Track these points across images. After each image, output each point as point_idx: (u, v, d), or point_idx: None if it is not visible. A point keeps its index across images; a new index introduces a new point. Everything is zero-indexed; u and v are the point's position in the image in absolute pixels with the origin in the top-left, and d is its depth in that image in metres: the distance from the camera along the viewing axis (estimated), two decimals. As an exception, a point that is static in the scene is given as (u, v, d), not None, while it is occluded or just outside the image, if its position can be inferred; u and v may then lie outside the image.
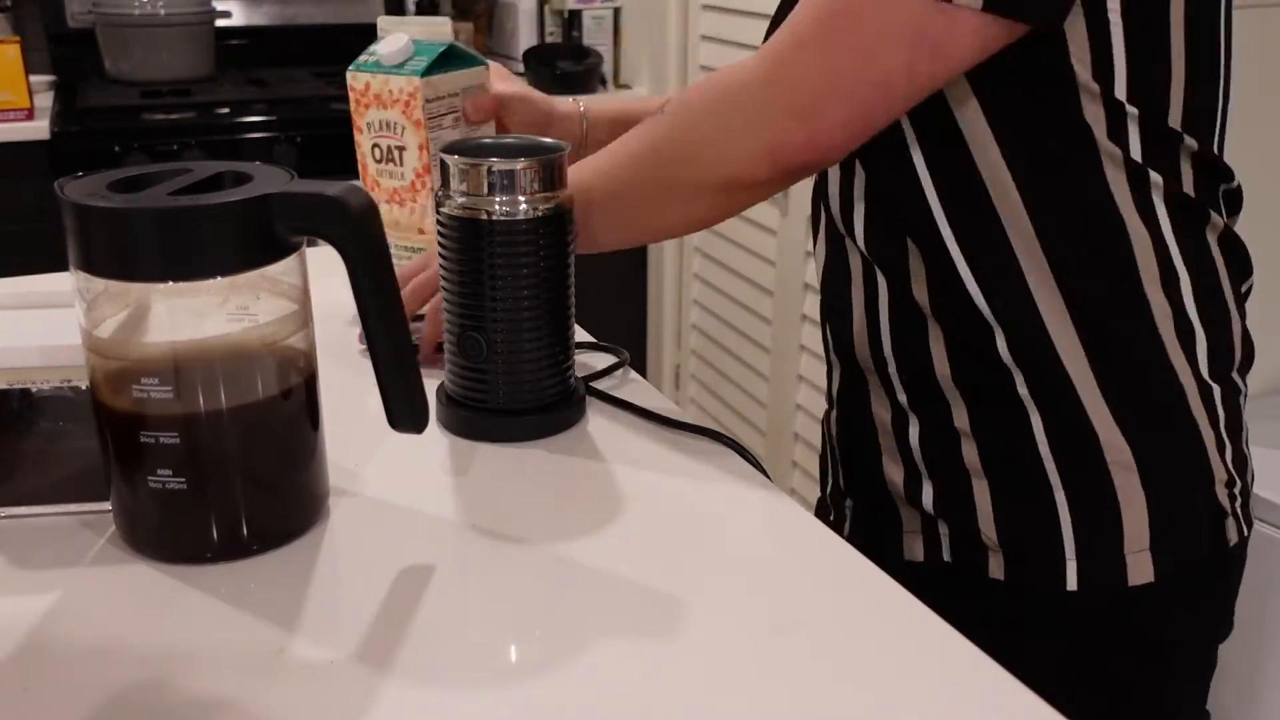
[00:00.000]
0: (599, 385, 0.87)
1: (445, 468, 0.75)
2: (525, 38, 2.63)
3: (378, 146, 1.00)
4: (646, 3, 2.46)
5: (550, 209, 0.76)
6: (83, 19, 2.48)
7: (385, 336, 0.63)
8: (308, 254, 0.64)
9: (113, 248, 0.58)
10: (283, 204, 0.59)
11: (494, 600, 0.60)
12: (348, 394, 0.83)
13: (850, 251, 0.84)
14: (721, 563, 0.64)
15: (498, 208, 0.74)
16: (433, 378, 0.79)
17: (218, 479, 0.62)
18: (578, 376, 0.83)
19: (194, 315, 0.60)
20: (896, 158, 0.76)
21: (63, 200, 0.58)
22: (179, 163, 0.65)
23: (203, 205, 0.58)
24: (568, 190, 0.77)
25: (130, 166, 0.64)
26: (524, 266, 0.75)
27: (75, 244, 0.59)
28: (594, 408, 0.84)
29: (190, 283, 0.59)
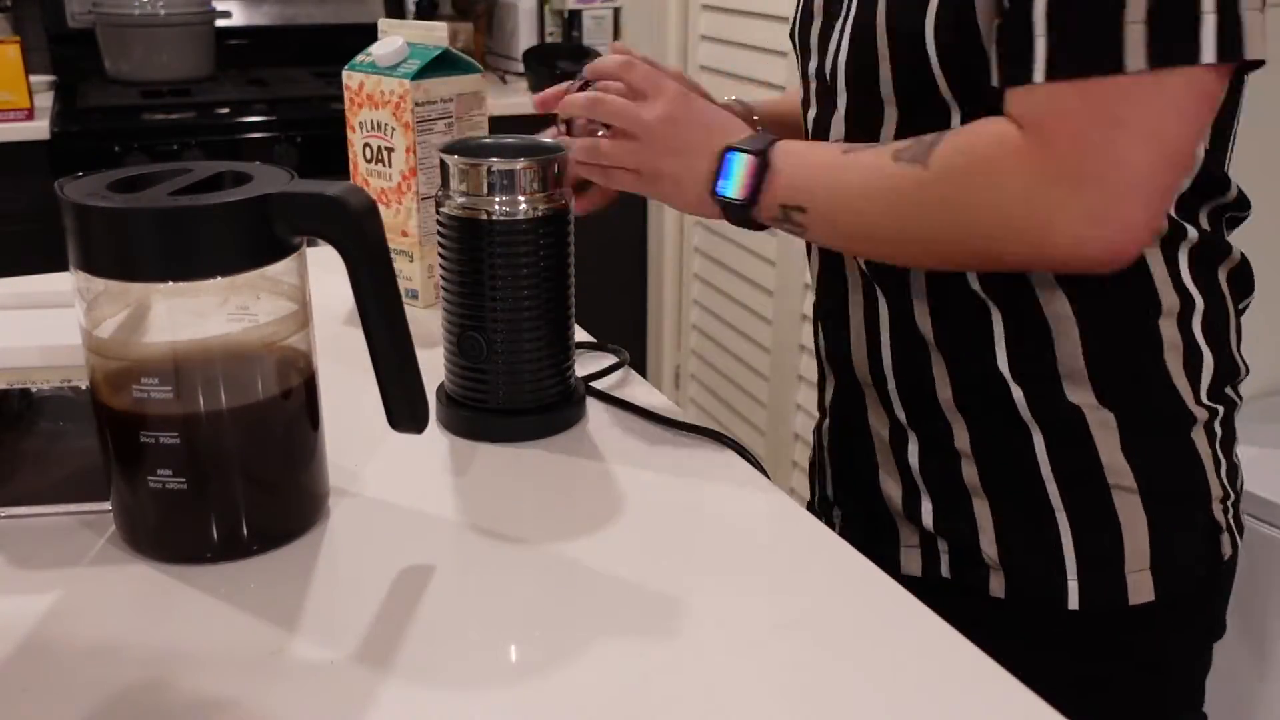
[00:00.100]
0: (599, 385, 0.87)
1: (445, 468, 0.75)
2: (525, 38, 2.63)
3: (369, 146, 1.00)
4: (646, 3, 2.46)
5: (550, 209, 0.76)
6: (83, 19, 2.48)
7: (385, 336, 0.63)
8: (308, 254, 0.64)
9: (113, 248, 0.58)
10: (283, 204, 0.59)
11: (494, 600, 0.60)
12: (348, 394, 0.83)
13: (848, 264, 0.83)
14: (721, 562, 0.64)
15: (497, 208, 0.74)
16: (433, 378, 0.79)
17: (218, 479, 0.62)
18: (578, 376, 0.83)
19: (194, 315, 0.60)
20: None
21: (63, 200, 0.58)
22: (179, 163, 0.65)
23: (203, 205, 0.58)
24: (567, 190, 0.77)
25: (130, 166, 0.64)
26: (524, 266, 0.75)
27: (75, 244, 0.59)
28: (594, 408, 0.84)
29: (190, 283, 0.59)
